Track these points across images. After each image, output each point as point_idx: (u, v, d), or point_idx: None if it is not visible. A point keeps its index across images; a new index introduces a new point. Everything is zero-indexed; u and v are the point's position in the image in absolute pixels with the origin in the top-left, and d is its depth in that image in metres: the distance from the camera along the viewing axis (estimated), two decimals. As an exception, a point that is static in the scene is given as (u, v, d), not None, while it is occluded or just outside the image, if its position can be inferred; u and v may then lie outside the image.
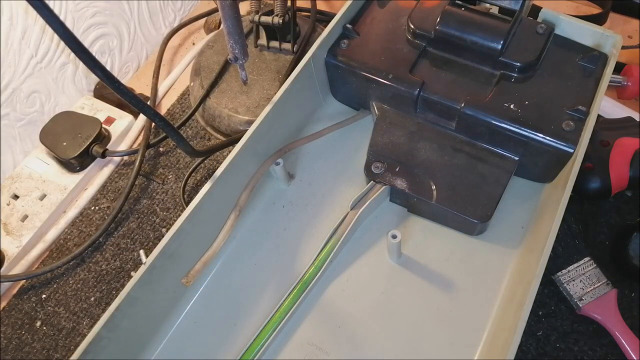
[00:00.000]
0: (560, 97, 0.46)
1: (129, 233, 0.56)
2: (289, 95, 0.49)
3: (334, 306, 0.46)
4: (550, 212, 0.41)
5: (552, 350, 0.45)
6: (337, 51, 0.51)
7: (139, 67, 0.71)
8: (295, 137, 0.53)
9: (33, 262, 0.55)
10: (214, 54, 0.63)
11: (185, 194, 0.57)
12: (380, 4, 0.54)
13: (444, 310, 0.45)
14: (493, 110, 0.46)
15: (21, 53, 0.56)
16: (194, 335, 0.46)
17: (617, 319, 0.45)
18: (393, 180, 0.48)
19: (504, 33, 0.46)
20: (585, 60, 0.47)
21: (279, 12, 0.58)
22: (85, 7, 0.61)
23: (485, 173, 0.47)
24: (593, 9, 0.64)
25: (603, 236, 0.50)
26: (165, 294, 0.45)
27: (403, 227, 0.49)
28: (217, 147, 0.52)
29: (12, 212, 0.57)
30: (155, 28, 0.72)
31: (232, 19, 0.42)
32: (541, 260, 0.38)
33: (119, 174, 0.60)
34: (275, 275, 0.48)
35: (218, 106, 0.59)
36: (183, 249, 0.43)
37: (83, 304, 0.52)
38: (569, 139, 0.43)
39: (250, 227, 0.51)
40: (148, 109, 0.38)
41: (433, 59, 0.50)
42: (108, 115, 0.63)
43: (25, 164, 0.60)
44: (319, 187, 0.52)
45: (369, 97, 0.52)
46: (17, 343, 0.51)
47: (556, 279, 0.47)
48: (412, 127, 0.50)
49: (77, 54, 0.30)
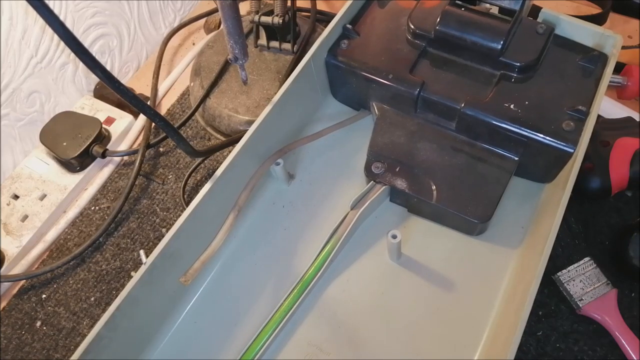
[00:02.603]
0: (560, 97, 0.46)
1: (129, 233, 0.56)
2: (289, 96, 0.49)
3: (334, 306, 0.46)
4: (551, 212, 0.41)
5: (552, 350, 0.45)
6: (337, 51, 0.51)
7: (139, 67, 0.72)
8: (295, 137, 0.53)
9: (33, 262, 0.55)
10: (214, 54, 0.63)
11: (185, 194, 0.57)
12: (380, 4, 0.54)
13: (444, 310, 0.45)
14: (493, 111, 0.46)
15: (21, 53, 0.56)
16: (194, 335, 0.46)
17: (617, 319, 0.45)
18: (393, 180, 0.48)
19: (504, 33, 0.46)
20: (585, 61, 0.47)
21: (279, 12, 0.58)
22: (85, 7, 0.61)
23: (485, 173, 0.47)
24: (593, 9, 0.64)
25: (603, 236, 0.50)
26: (165, 294, 0.45)
27: (403, 227, 0.49)
28: (217, 147, 0.52)
29: (12, 212, 0.57)
30: (155, 28, 0.72)
31: (232, 19, 0.42)
32: (541, 260, 0.38)
33: (119, 174, 0.60)
34: (275, 275, 0.48)
35: (218, 106, 0.59)
36: (183, 249, 0.43)
37: (83, 304, 0.52)
38: (569, 139, 0.43)
39: (251, 227, 0.51)
40: (148, 109, 0.38)
41: (433, 59, 0.50)
42: (108, 115, 0.63)
43: (25, 164, 0.60)
44: (319, 187, 0.52)
45: (369, 97, 0.52)
46: (17, 343, 0.51)
47: (556, 279, 0.47)
48: (412, 127, 0.50)
49: (77, 54, 0.30)
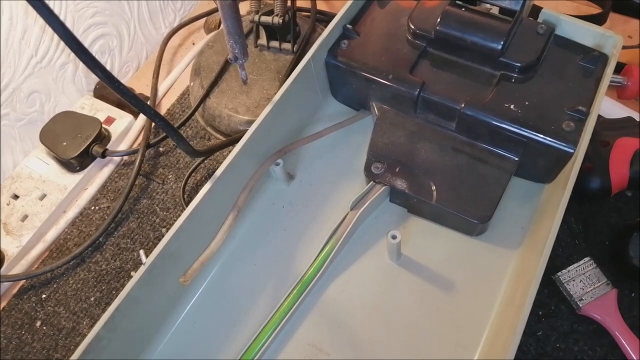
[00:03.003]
0: (560, 97, 0.46)
1: (129, 233, 0.56)
2: (289, 96, 0.49)
3: (334, 306, 0.46)
4: (551, 213, 0.41)
5: (552, 350, 0.45)
6: (337, 51, 0.51)
7: (139, 67, 0.71)
8: (295, 138, 0.53)
9: (33, 262, 0.55)
10: (214, 54, 0.63)
11: (185, 194, 0.57)
12: (380, 4, 0.54)
13: (444, 310, 0.45)
14: (493, 111, 0.46)
15: (21, 53, 0.56)
16: (194, 335, 0.46)
17: (617, 319, 0.45)
18: (393, 181, 0.48)
19: (505, 33, 0.46)
20: (585, 61, 0.47)
21: (279, 12, 0.58)
22: (85, 7, 0.61)
23: (485, 173, 0.47)
24: (593, 9, 0.64)
25: (603, 236, 0.50)
26: (165, 294, 0.45)
27: (403, 228, 0.49)
28: (217, 147, 0.52)
29: (12, 212, 0.57)
30: (155, 28, 0.72)
31: (232, 19, 0.42)
32: (541, 261, 0.38)
33: (119, 174, 0.60)
34: (275, 275, 0.48)
35: (218, 106, 0.59)
36: (183, 249, 0.43)
37: (83, 304, 0.52)
38: (569, 140, 0.43)
39: (250, 227, 0.51)
40: (148, 109, 0.38)
41: (433, 59, 0.50)
42: (108, 115, 0.63)
43: (25, 164, 0.60)
44: (319, 188, 0.52)
45: (369, 97, 0.52)
46: (17, 343, 0.51)
47: (556, 279, 0.47)
48: (412, 128, 0.50)
49: (77, 54, 0.30)
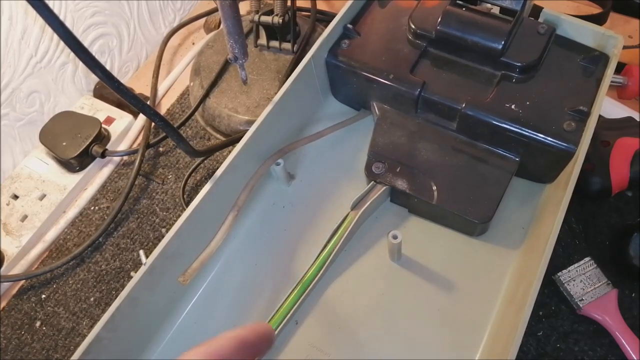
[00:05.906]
0: (561, 97, 0.45)
1: (129, 233, 0.56)
2: (289, 96, 0.49)
3: (334, 307, 0.46)
4: (551, 213, 0.41)
5: (553, 350, 0.45)
6: (338, 51, 0.51)
7: (138, 67, 0.71)
8: (295, 138, 0.53)
9: (33, 262, 0.55)
10: (214, 54, 0.63)
11: (185, 194, 0.57)
12: (381, 4, 0.54)
13: (444, 310, 0.45)
14: (494, 111, 0.45)
15: (21, 53, 0.56)
16: (194, 335, 0.46)
17: (618, 319, 0.45)
18: (394, 181, 0.48)
19: (505, 33, 0.46)
20: (586, 61, 0.47)
21: (279, 12, 0.58)
22: (85, 7, 0.61)
23: (486, 174, 0.47)
24: (593, 8, 0.64)
25: (603, 236, 0.50)
26: (165, 294, 0.45)
27: (403, 228, 0.49)
28: (217, 147, 0.52)
29: (12, 212, 0.57)
30: (155, 28, 0.72)
31: (232, 19, 0.42)
32: (542, 261, 0.38)
33: (118, 174, 0.60)
34: (275, 275, 0.48)
35: (218, 106, 0.59)
36: (183, 250, 0.43)
37: (83, 304, 0.52)
38: (570, 140, 0.43)
39: (251, 227, 0.51)
40: (148, 108, 0.38)
41: (434, 59, 0.50)
42: (108, 115, 0.62)
43: (25, 164, 0.60)
44: (320, 188, 0.52)
45: (369, 97, 0.52)
46: (16, 343, 0.51)
47: (556, 279, 0.46)
48: (413, 128, 0.50)
49: (77, 54, 0.30)
